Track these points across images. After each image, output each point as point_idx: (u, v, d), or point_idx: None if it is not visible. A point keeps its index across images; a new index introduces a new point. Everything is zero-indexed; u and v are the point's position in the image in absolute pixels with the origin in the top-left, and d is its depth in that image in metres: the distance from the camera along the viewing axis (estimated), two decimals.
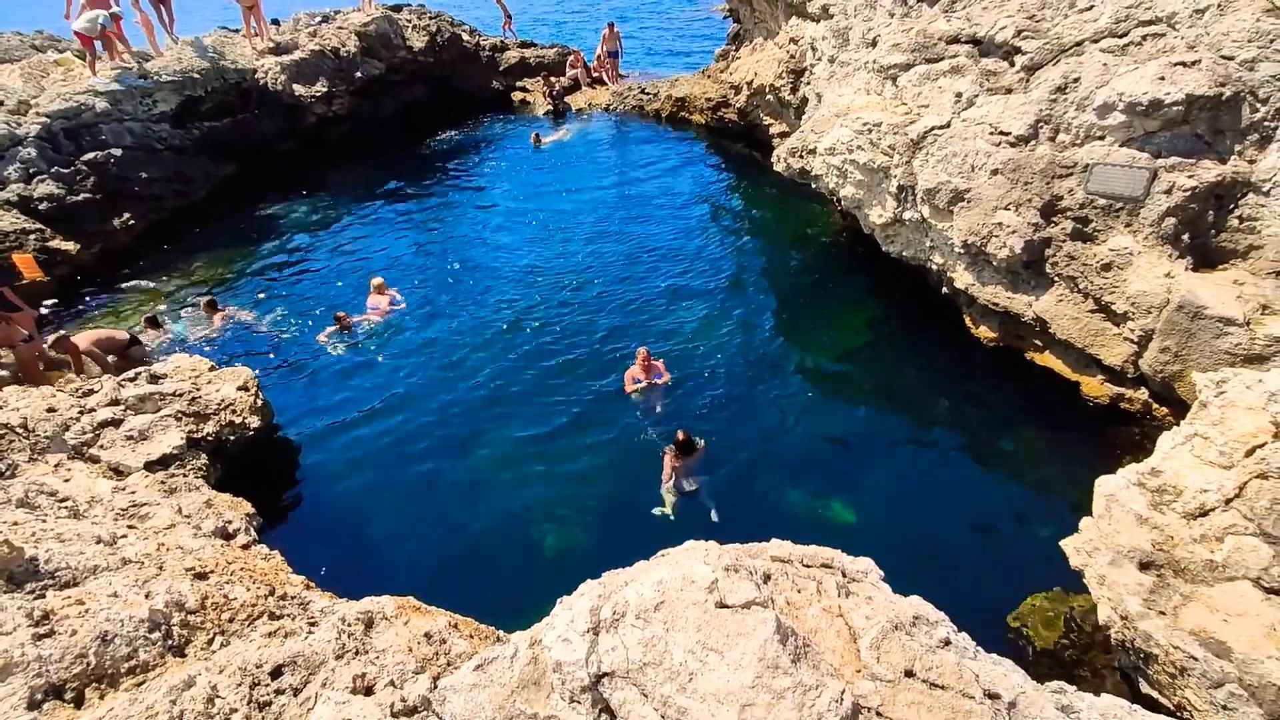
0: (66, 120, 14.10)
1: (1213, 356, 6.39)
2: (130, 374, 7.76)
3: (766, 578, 3.29)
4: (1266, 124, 6.60)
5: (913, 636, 3.11)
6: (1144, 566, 4.82)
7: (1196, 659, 4.31)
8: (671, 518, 7.04)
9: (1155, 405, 7.29)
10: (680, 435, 7.41)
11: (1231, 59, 6.70)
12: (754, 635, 2.80)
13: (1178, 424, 5.69)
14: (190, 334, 10.75)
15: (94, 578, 4.34)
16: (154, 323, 10.65)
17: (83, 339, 9.17)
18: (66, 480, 6.02)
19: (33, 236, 12.57)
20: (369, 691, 3.65)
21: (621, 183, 16.10)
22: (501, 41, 24.47)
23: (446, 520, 7.35)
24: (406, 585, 5.11)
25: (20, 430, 6.52)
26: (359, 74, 19.04)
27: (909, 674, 2.95)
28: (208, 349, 10.21)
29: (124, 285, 12.56)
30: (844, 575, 3.52)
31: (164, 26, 16.78)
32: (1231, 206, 6.83)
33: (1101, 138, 7.39)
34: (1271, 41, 6.54)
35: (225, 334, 10.75)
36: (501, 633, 4.53)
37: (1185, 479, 4.93)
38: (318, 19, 20.34)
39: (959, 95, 8.73)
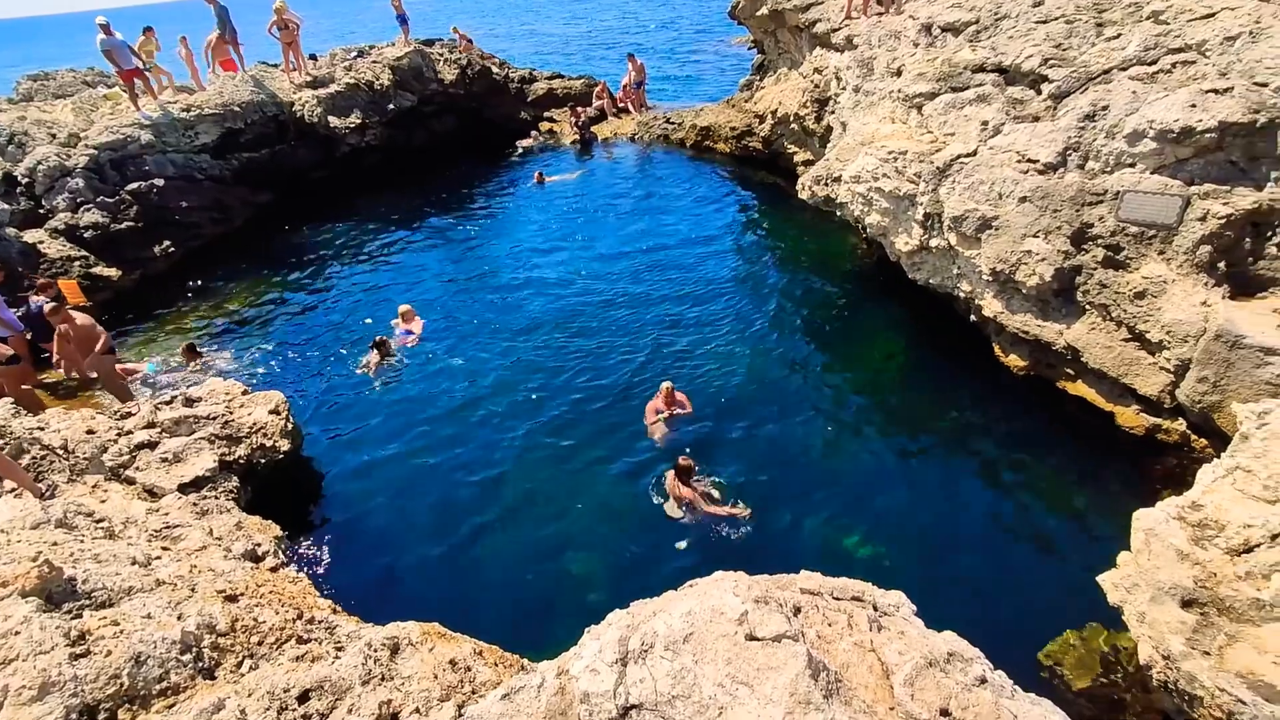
0: (113, 152, 14.67)
1: (1253, 387, 6.22)
2: (167, 397, 7.95)
3: (797, 610, 3.24)
4: None
5: (947, 674, 3.04)
6: (1186, 604, 4.66)
7: (1245, 703, 4.13)
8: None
9: (1194, 436, 7.10)
10: (681, 461, 7.33)
11: (1265, 85, 6.62)
12: (785, 669, 2.75)
13: (1218, 456, 5.52)
14: (164, 376, 10.36)
15: (129, 598, 4.41)
16: (193, 350, 10.70)
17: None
18: (103, 501, 6.15)
19: (77, 263, 13.04)
20: (394, 719, 3.65)
21: (644, 213, 16.22)
22: (530, 73, 25.01)
23: (470, 547, 7.36)
24: (431, 611, 5.11)
25: (61, 451, 6.71)
26: (391, 106, 19.58)
27: (944, 713, 2.87)
28: (242, 375, 10.37)
29: (159, 310, 12.92)
30: (875, 609, 3.46)
31: (239, 61, 17.90)
32: (1270, 234, 6.70)
33: (1132, 165, 7.32)
34: None
35: (204, 374, 10.13)
36: (527, 661, 4.50)
37: (1228, 513, 4.78)
38: (354, 54, 21.00)
39: (985, 123, 8.73)
